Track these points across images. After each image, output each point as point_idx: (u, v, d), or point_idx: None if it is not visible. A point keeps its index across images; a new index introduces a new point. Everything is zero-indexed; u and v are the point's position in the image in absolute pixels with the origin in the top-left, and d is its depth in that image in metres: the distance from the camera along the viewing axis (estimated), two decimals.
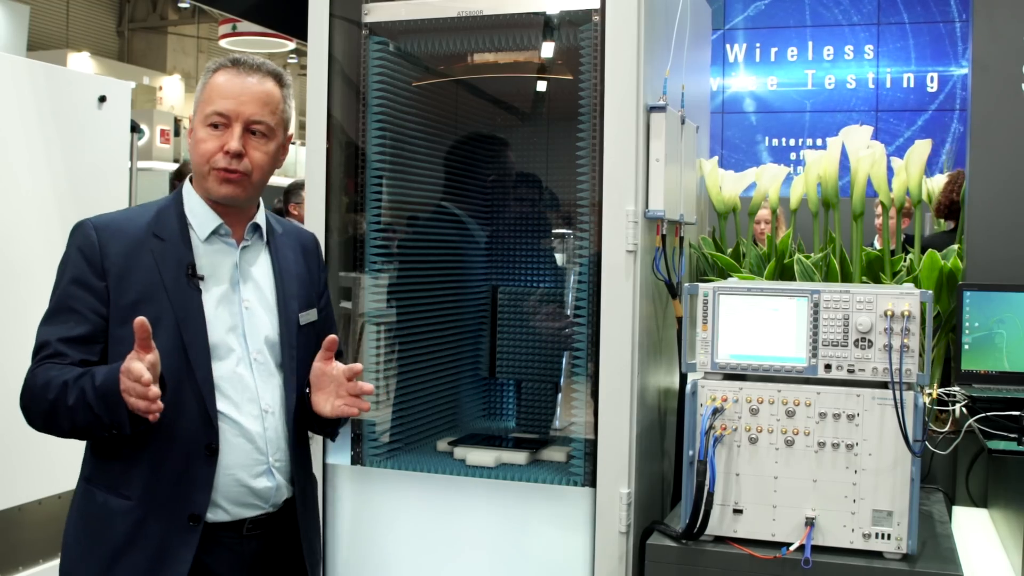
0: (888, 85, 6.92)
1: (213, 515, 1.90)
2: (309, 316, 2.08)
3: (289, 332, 2.02)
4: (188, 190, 2.01)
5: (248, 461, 1.93)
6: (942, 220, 4.54)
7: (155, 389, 1.69)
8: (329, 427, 2.11)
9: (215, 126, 1.92)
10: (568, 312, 2.88)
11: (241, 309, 1.96)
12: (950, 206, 4.34)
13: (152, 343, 1.72)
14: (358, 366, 1.95)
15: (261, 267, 2.03)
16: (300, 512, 2.03)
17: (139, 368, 1.69)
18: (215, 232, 1.97)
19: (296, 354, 2.02)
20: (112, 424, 1.78)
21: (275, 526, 2.00)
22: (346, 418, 2.02)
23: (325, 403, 1.96)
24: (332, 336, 1.95)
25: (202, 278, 1.92)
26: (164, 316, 1.86)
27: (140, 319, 1.71)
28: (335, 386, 1.95)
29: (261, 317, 1.99)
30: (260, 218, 2.05)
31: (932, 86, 6.86)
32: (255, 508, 1.95)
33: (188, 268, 1.91)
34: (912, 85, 6.88)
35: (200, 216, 1.97)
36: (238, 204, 1.98)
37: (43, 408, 1.83)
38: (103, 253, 1.88)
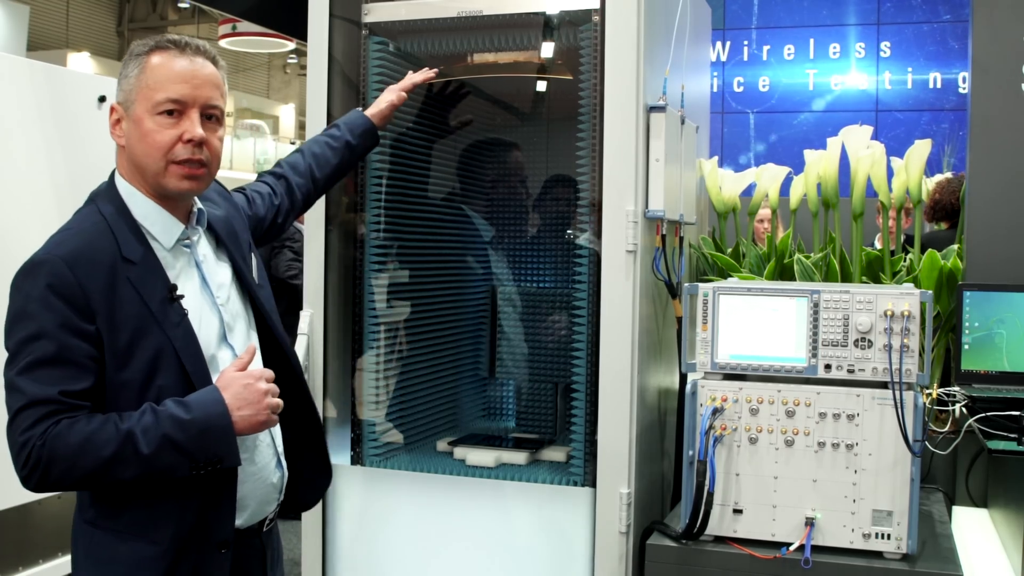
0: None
1: (241, 521, 1.84)
2: (258, 271, 2.00)
3: (260, 305, 1.94)
4: (131, 193, 1.80)
5: (268, 458, 1.88)
6: (937, 223, 4.58)
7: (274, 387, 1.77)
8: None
9: (168, 113, 1.74)
10: (568, 312, 2.87)
11: (220, 311, 1.85)
12: (934, 207, 4.41)
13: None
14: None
15: (211, 251, 1.90)
16: (297, 478, 2.00)
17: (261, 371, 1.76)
18: (177, 239, 1.82)
19: (269, 317, 1.96)
20: (208, 460, 1.67)
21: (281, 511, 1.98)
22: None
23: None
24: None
25: (182, 296, 1.77)
26: (164, 350, 1.72)
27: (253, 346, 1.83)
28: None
29: (235, 308, 1.90)
30: (198, 203, 1.89)
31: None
32: (273, 503, 1.92)
33: (169, 292, 1.75)
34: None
35: (160, 223, 1.80)
36: (191, 198, 1.84)
37: (88, 466, 1.63)
38: (86, 293, 1.66)
